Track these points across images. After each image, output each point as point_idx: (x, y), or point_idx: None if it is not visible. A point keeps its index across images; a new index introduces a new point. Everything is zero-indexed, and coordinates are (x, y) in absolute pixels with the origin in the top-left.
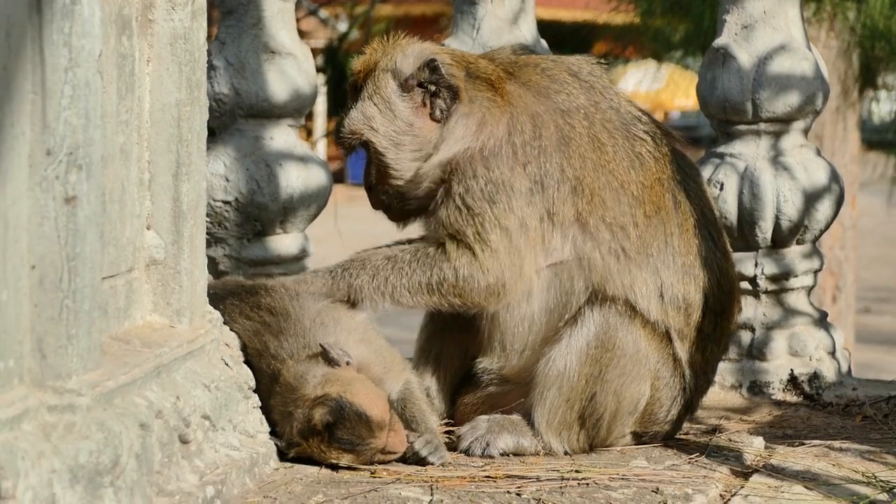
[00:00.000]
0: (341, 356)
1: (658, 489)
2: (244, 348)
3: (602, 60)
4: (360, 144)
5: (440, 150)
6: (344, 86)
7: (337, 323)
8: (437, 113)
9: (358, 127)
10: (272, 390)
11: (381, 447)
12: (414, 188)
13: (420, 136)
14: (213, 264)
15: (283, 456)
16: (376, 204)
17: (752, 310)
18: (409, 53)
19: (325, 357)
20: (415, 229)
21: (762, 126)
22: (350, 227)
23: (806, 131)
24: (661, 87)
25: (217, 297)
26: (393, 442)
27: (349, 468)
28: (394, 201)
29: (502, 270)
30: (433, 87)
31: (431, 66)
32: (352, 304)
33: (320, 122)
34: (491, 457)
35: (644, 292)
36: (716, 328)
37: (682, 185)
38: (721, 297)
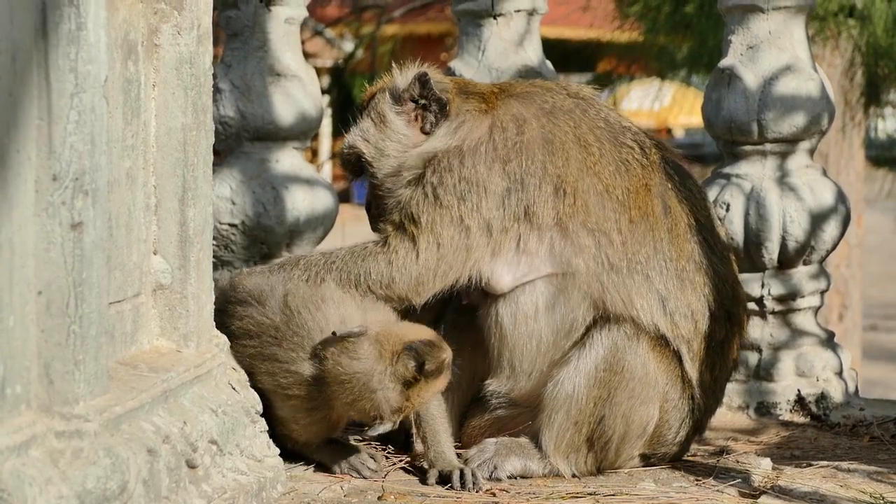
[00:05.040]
0: (360, 327)
1: None
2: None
3: (598, 87)
4: (357, 161)
5: (422, 146)
6: (349, 111)
7: (333, 302)
8: (428, 126)
9: (353, 140)
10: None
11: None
12: (394, 183)
13: (406, 145)
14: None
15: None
16: (376, 227)
17: (759, 330)
18: (406, 73)
19: (351, 335)
20: None
21: (768, 147)
22: None
23: (812, 152)
24: (665, 104)
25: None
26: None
27: (357, 491)
28: None
29: (437, 263)
30: (423, 101)
31: (422, 80)
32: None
33: (326, 144)
34: (498, 479)
35: (645, 306)
36: (727, 335)
37: (673, 191)
38: (723, 301)
